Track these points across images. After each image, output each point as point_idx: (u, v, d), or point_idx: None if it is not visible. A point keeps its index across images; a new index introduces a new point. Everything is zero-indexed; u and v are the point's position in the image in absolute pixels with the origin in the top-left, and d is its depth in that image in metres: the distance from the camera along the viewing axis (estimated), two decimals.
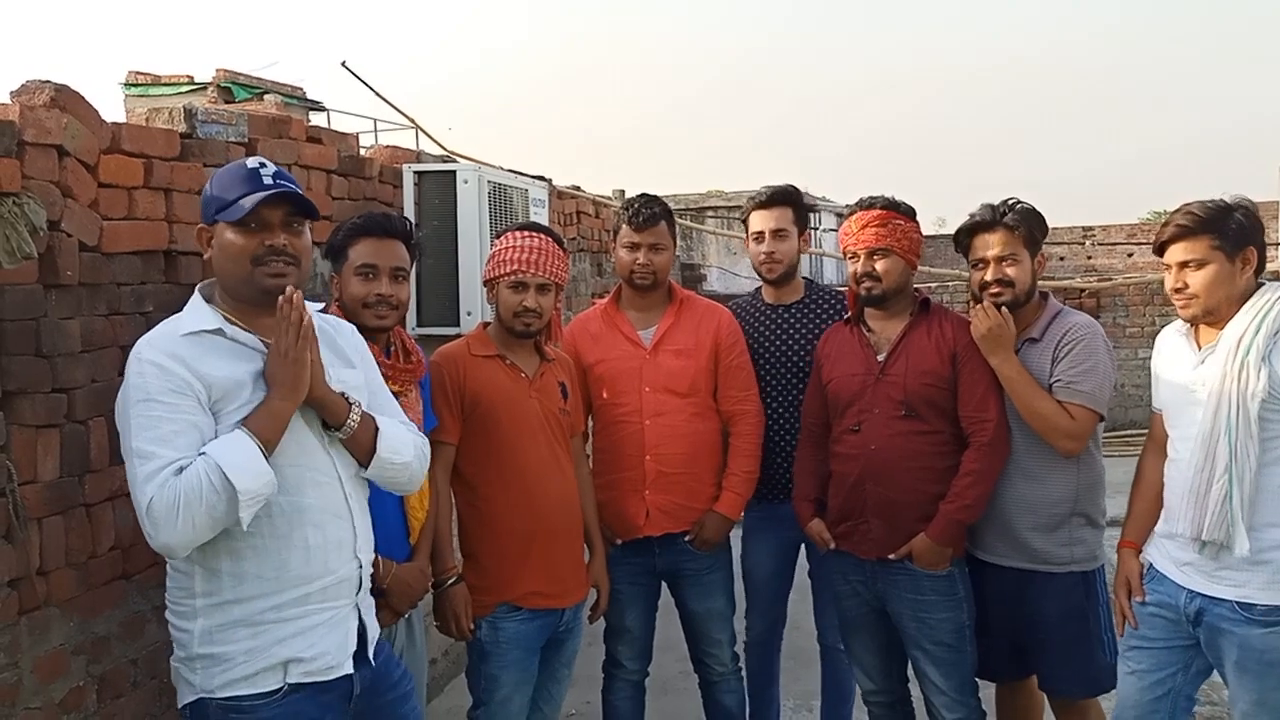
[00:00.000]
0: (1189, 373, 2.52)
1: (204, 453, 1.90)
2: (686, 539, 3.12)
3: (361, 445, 2.13)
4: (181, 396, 1.93)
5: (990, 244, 2.82)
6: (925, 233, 3.09)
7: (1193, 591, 2.49)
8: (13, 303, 2.21)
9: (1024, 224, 2.81)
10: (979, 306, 2.82)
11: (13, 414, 2.23)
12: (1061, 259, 18.58)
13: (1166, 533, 2.59)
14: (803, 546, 3.43)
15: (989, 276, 2.82)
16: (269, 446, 1.95)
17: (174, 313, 2.69)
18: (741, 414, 3.19)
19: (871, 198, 3.01)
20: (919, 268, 3.09)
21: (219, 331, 2.04)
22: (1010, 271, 2.80)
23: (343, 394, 2.12)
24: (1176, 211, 2.51)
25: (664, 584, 3.25)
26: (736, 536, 3.30)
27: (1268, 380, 2.35)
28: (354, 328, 2.37)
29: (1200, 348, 2.51)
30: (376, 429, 2.15)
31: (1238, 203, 2.48)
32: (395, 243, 2.60)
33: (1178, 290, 2.49)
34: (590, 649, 3.31)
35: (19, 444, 2.24)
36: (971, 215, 2.90)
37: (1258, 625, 2.38)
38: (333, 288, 2.64)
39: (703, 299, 3.36)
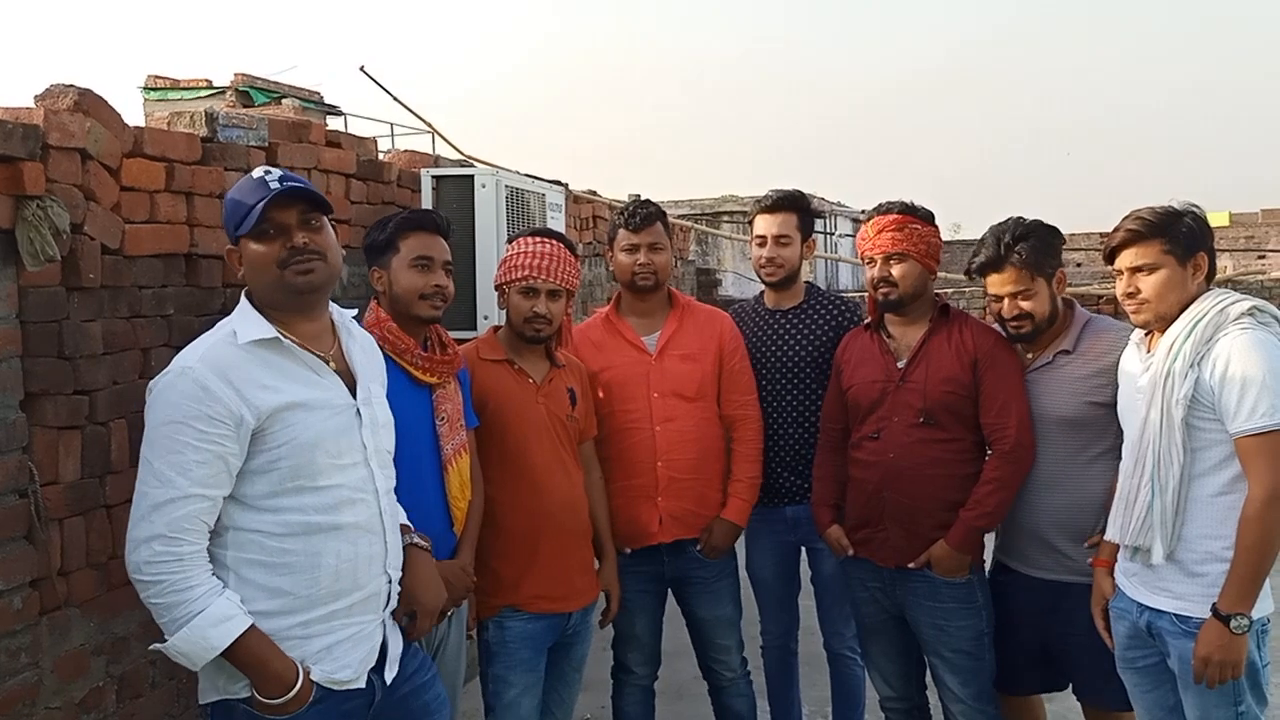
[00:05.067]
0: (1135, 379, 2.49)
1: (204, 611, 1.86)
2: (697, 547, 3.12)
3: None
4: (215, 424, 1.89)
5: (1002, 282, 2.78)
6: (942, 238, 3.06)
7: (1141, 604, 2.45)
8: (36, 305, 2.23)
9: (1031, 255, 2.74)
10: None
11: (35, 415, 2.25)
12: (1079, 265, 18.48)
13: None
14: (804, 550, 3.42)
15: (1005, 314, 2.80)
16: (240, 651, 1.91)
17: (195, 316, 2.73)
18: (744, 419, 3.19)
19: (889, 202, 2.99)
20: (938, 274, 3.07)
21: (276, 342, 2.01)
22: (1025, 305, 2.76)
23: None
24: (1126, 217, 2.46)
25: (669, 591, 3.24)
26: (740, 543, 3.28)
27: (1194, 387, 2.29)
28: (373, 339, 2.36)
29: (1149, 353, 2.47)
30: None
31: (1186, 208, 2.43)
32: (442, 239, 2.68)
33: (1129, 295, 2.44)
34: (605, 653, 3.31)
35: (41, 445, 2.26)
36: (979, 249, 2.83)
37: (1194, 639, 2.30)
38: (375, 282, 2.64)
39: (703, 305, 3.36)
